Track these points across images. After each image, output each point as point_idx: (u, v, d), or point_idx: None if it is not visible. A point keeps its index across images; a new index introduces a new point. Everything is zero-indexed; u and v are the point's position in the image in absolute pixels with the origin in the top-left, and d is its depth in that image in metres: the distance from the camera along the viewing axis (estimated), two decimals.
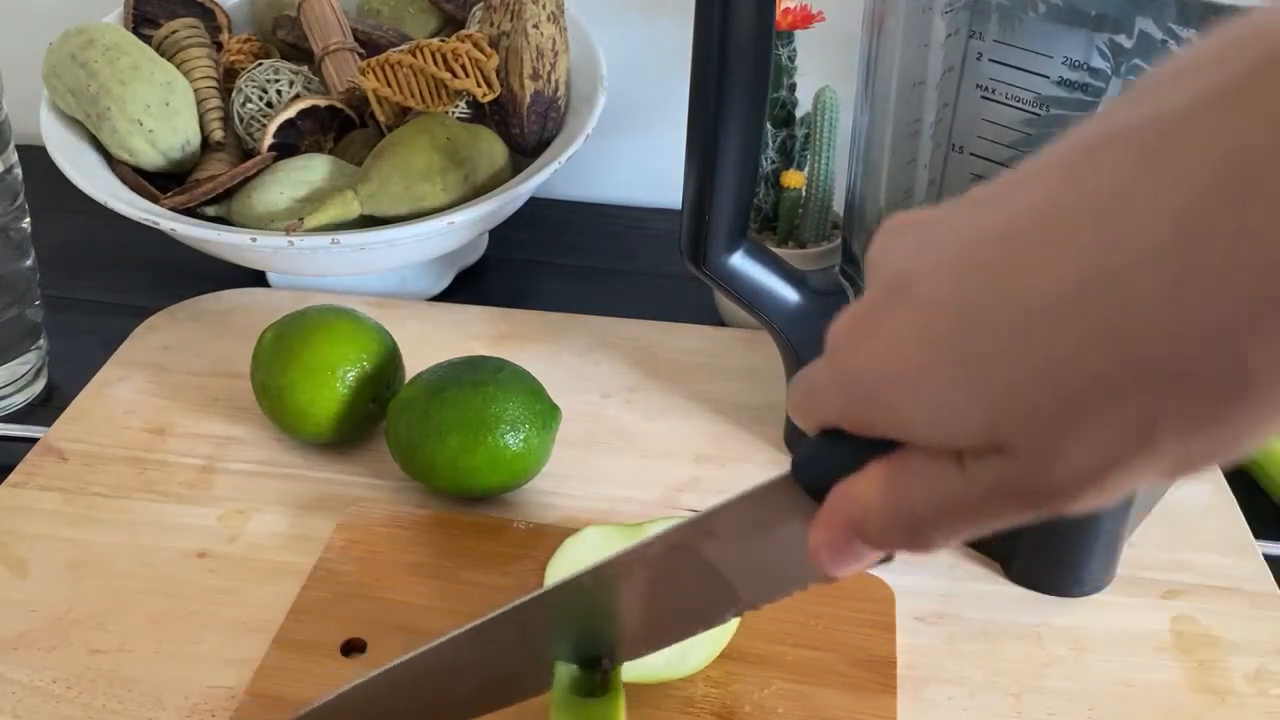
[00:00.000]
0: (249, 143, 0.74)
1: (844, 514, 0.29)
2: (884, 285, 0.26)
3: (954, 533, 0.27)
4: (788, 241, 0.70)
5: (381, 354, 0.60)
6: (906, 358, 0.25)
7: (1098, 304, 0.21)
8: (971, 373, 0.24)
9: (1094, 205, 0.22)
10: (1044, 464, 0.24)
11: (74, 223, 0.76)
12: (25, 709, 0.47)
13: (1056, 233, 0.22)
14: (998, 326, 0.23)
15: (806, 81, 0.68)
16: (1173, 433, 0.22)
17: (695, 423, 0.63)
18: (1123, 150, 0.22)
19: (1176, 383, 0.21)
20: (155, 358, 0.68)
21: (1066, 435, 0.23)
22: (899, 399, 0.26)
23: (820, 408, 0.29)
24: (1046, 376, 0.22)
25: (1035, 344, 0.22)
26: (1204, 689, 0.49)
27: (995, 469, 0.25)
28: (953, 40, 0.46)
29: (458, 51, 0.69)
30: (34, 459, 0.60)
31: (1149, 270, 0.21)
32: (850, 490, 0.29)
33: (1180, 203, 0.20)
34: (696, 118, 0.50)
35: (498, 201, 0.67)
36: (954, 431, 0.25)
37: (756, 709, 0.46)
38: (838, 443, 0.29)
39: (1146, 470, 0.23)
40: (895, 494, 0.27)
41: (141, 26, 0.78)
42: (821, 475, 0.30)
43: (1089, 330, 0.22)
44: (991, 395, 0.24)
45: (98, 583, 0.53)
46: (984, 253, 0.24)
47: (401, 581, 0.52)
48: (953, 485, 0.26)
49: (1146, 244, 0.21)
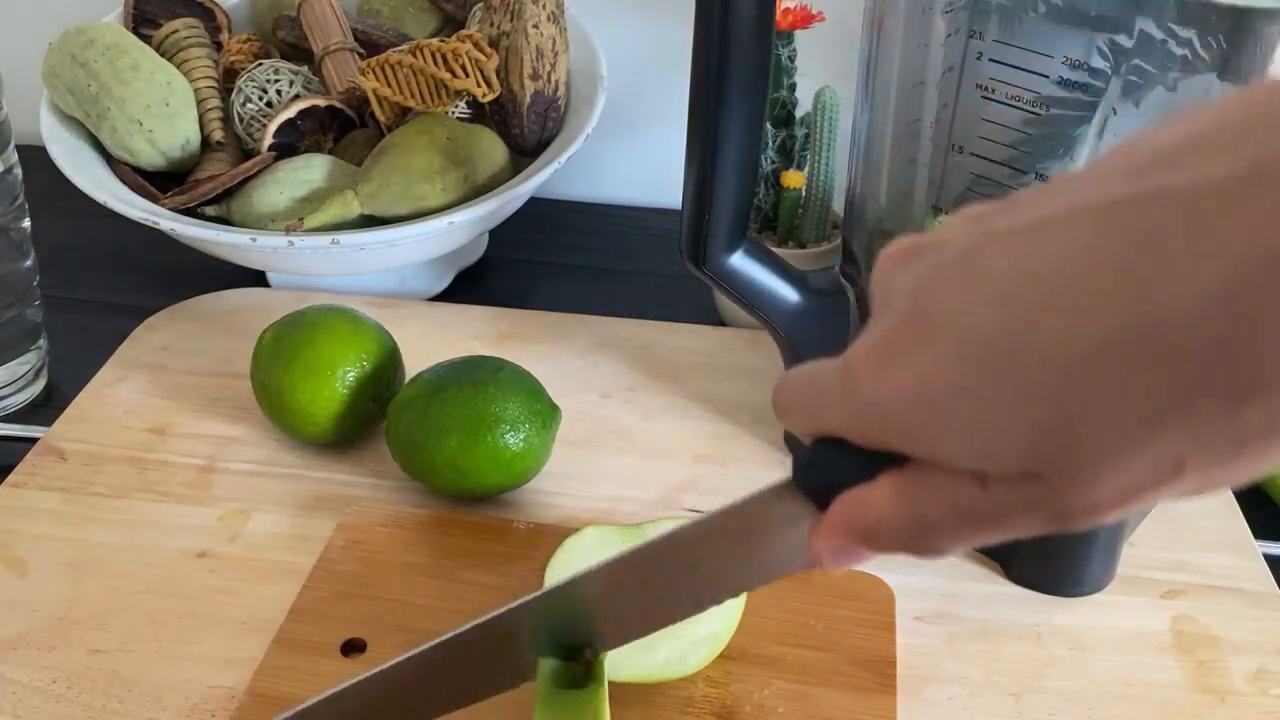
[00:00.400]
0: (249, 143, 0.74)
1: (854, 521, 0.29)
2: (904, 313, 0.27)
3: (965, 542, 0.28)
4: (788, 241, 0.70)
5: (381, 354, 0.60)
6: (939, 387, 0.26)
7: (1140, 350, 0.22)
8: (1009, 407, 0.25)
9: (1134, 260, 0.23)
10: (1076, 491, 0.25)
11: (74, 223, 0.76)
12: (25, 709, 0.47)
13: (1097, 282, 0.23)
14: (1036, 366, 0.24)
15: (806, 81, 0.68)
16: (1200, 466, 0.23)
17: (695, 423, 0.63)
18: (1164, 210, 0.22)
19: (1210, 424, 0.22)
20: (155, 358, 0.68)
21: (1102, 467, 0.24)
22: (930, 426, 0.26)
23: (824, 419, 0.29)
24: (1087, 415, 0.23)
25: (1074, 384, 0.23)
26: (1204, 689, 0.49)
27: (1021, 492, 0.25)
28: (953, 40, 0.46)
29: (458, 51, 0.69)
30: (34, 459, 0.60)
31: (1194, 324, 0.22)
32: (862, 499, 0.29)
33: (1229, 268, 0.21)
34: (696, 118, 0.50)
35: (498, 201, 0.67)
36: (987, 459, 0.26)
37: (756, 709, 0.46)
38: (845, 451, 0.29)
39: (1169, 494, 0.24)
40: (911, 505, 0.28)
41: (141, 26, 0.78)
42: (827, 482, 0.30)
43: (1131, 374, 0.23)
44: (1029, 429, 0.24)
45: (98, 583, 0.53)
46: (1019, 293, 0.24)
47: (401, 581, 0.52)
48: (973, 499, 0.26)
49: (1192, 299, 0.22)
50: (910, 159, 0.50)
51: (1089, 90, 0.43)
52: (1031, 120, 0.45)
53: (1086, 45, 0.42)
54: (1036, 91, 0.44)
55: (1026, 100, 0.44)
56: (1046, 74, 0.43)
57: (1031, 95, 0.44)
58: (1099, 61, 0.42)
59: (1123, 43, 0.41)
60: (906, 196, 0.51)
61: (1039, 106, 0.44)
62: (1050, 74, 0.43)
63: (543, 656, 0.40)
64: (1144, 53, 0.41)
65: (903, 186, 0.51)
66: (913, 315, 0.26)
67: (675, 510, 0.58)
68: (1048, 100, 0.44)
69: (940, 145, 0.48)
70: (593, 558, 0.49)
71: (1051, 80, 0.43)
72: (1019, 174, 0.46)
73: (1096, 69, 0.42)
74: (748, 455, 0.61)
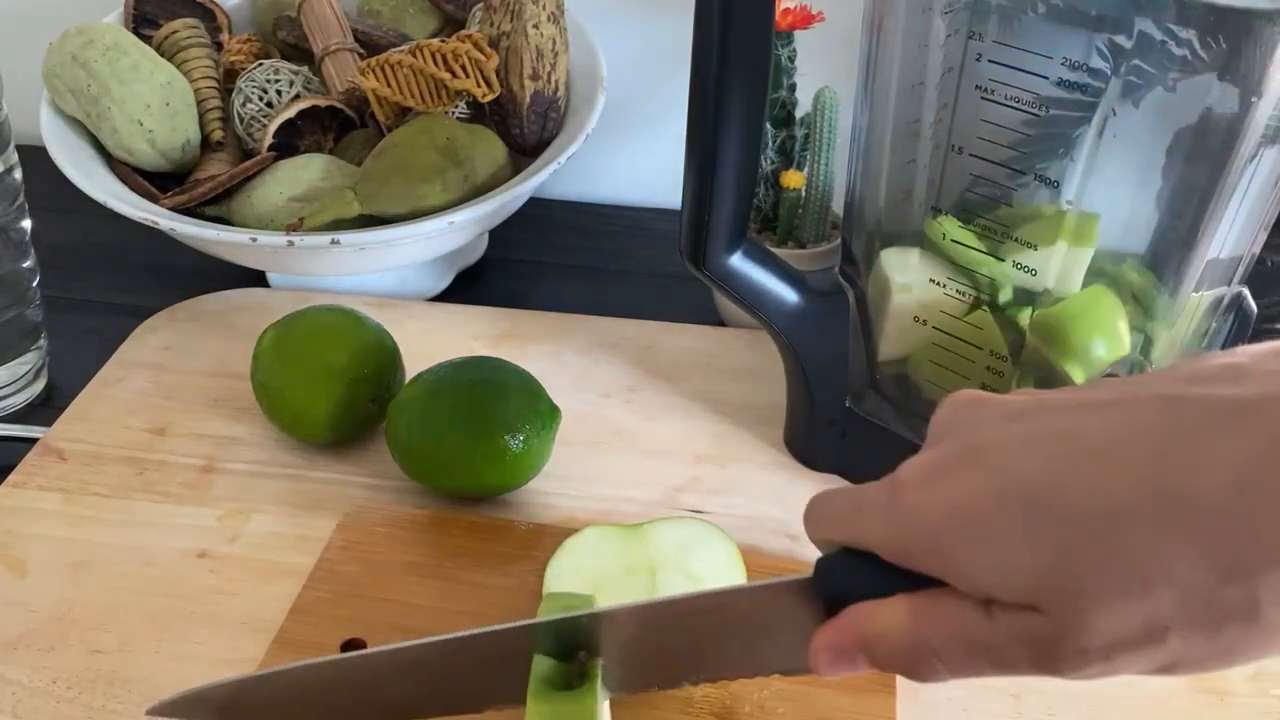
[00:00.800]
0: (249, 143, 0.74)
1: (859, 631, 0.32)
2: (959, 447, 0.31)
3: (960, 671, 0.31)
4: (788, 241, 0.70)
5: (381, 354, 0.60)
6: (976, 512, 0.29)
7: (1156, 519, 0.26)
8: (1032, 541, 0.28)
9: (1165, 445, 0.27)
10: (1069, 630, 0.28)
11: (74, 223, 0.76)
12: (25, 709, 0.47)
13: (1130, 456, 0.27)
14: (1061, 512, 0.28)
15: (806, 81, 0.68)
16: (1183, 634, 0.27)
17: (695, 423, 0.63)
18: (1196, 410, 0.27)
19: (1198, 597, 0.26)
20: (155, 358, 0.68)
21: (1096, 613, 0.27)
22: (958, 545, 0.29)
23: (863, 528, 0.32)
24: (1096, 562, 0.27)
25: (1091, 534, 0.27)
26: (1204, 689, 0.49)
27: (1022, 623, 0.29)
28: (952, 40, 0.46)
29: (458, 52, 0.69)
30: (34, 459, 0.60)
31: (1205, 506, 0.26)
32: (873, 613, 0.32)
33: (1242, 463, 0.25)
34: (696, 118, 0.50)
35: (498, 201, 0.67)
36: (1000, 585, 0.29)
37: (756, 709, 0.47)
38: (867, 565, 0.32)
39: (1152, 659, 0.28)
40: (918, 627, 0.31)
41: (141, 26, 0.78)
42: (843, 590, 0.33)
43: (1143, 536, 0.26)
44: (1044, 564, 0.28)
45: (98, 583, 0.53)
46: (1059, 451, 0.28)
47: (401, 581, 0.52)
48: (976, 629, 0.30)
49: (1210, 484, 0.26)
50: (910, 159, 0.50)
51: (1089, 91, 0.43)
52: (1031, 121, 0.45)
53: (1086, 46, 0.42)
54: (1036, 92, 0.44)
55: (1026, 101, 0.44)
56: (1046, 74, 0.43)
57: (1031, 96, 0.44)
58: (1098, 62, 0.42)
59: (1122, 43, 0.41)
60: (906, 197, 0.51)
61: (1038, 107, 0.44)
62: (1050, 74, 0.43)
63: (537, 654, 0.40)
64: (1144, 53, 0.41)
65: (902, 187, 0.51)
66: (966, 450, 0.30)
67: (675, 510, 0.58)
68: (1047, 101, 0.44)
69: (940, 146, 0.48)
70: (593, 558, 0.50)
71: (1051, 81, 0.43)
72: (1018, 174, 0.46)
73: (1096, 69, 0.42)
74: (748, 455, 0.61)
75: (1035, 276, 0.48)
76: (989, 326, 0.51)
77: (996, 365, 0.51)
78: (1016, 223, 0.48)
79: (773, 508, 0.58)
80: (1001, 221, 0.48)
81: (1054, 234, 0.47)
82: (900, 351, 0.56)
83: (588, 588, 0.48)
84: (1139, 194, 0.46)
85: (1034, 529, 0.28)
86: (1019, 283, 0.49)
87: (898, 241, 0.53)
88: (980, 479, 0.29)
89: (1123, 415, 0.28)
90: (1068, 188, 0.45)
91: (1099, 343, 0.49)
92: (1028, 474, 0.29)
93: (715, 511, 0.57)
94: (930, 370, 0.54)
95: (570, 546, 0.50)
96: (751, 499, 0.58)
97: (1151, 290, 0.48)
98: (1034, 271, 0.48)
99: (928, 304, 0.52)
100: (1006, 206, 0.47)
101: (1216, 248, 0.46)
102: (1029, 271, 0.48)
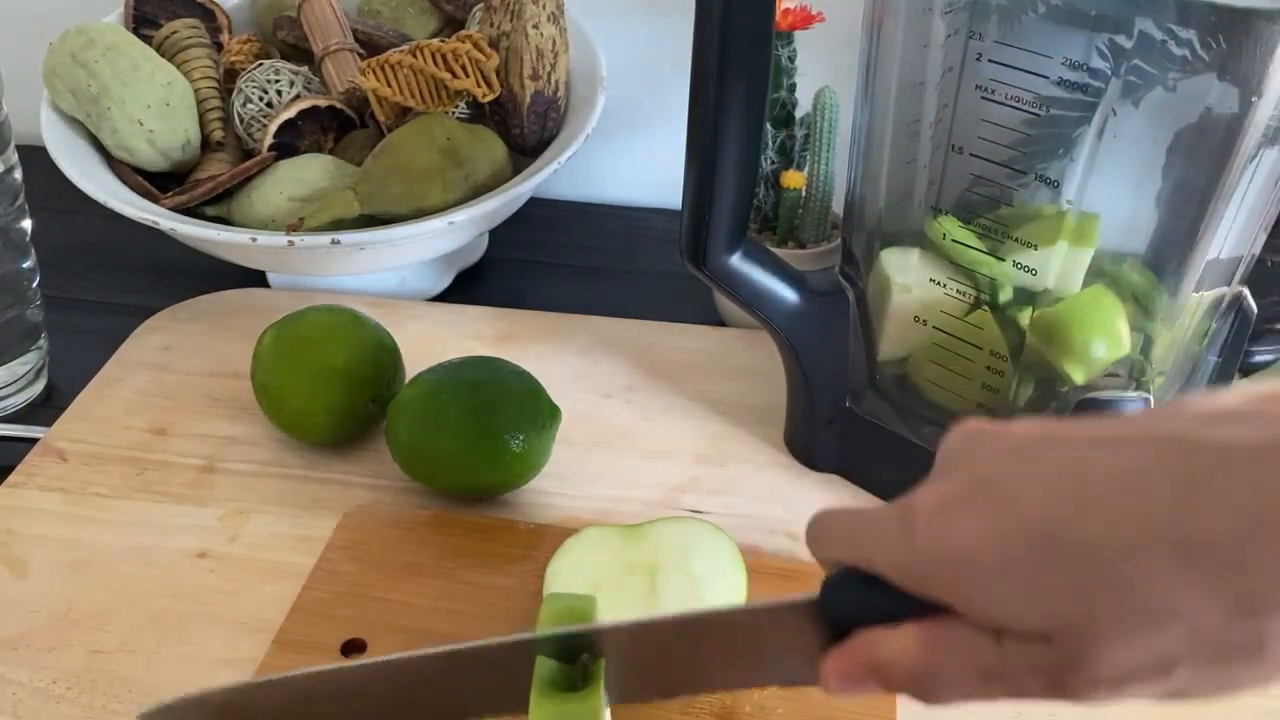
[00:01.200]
0: (249, 143, 0.74)
1: (871, 657, 0.32)
2: (971, 478, 0.31)
3: (971, 697, 0.31)
4: (788, 241, 0.70)
5: (381, 354, 0.60)
6: (990, 546, 0.29)
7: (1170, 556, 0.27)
8: (1047, 577, 0.28)
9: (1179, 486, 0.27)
10: (1081, 662, 0.28)
11: (74, 223, 0.76)
12: (25, 709, 0.47)
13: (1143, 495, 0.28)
14: (1075, 546, 0.28)
15: (806, 81, 0.68)
16: (1190, 667, 0.28)
17: (695, 423, 0.63)
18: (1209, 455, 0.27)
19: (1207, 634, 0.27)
20: (155, 358, 0.68)
21: (1107, 643, 0.28)
22: (972, 577, 0.30)
23: (871, 553, 0.32)
24: (1109, 595, 0.28)
25: (1105, 568, 0.28)
26: None
27: (1033, 653, 0.29)
28: (952, 40, 0.46)
29: (458, 52, 0.69)
30: (34, 459, 0.60)
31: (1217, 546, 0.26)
32: (884, 640, 0.32)
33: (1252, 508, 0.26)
34: (696, 118, 0.50)
35: (498, 201, 0.67)
36: (1013, 616, 0.29)
37: (756, 709, 0.46)
38: (875, 589, 0.32)
39: (1160, 689, 0.28)
40: (929, 655, 0.31)
41: (141, 26, 0.78)
42: (851, 615, 0.33)
43: (1156, 572, 0.27)
44: (1058, 599, 0.28)
45: (98, 583, 0.53)
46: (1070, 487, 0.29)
47: (401, 581, 0.52)
48: (987, 657, 0.30)
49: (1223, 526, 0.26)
50: (910, 159, 0.50)
51: (1089, 91, 0.43)
52: (1031, 121, 0.45)
53: (1086, 46, 0.42)
54: (1036, 92, 0.44)
55: (1026, 101, 0.44)
56: (1046, 74, 0.43)
57: (1031, 96, 0.44)
58: (1099, 62, 0.42)
59: (1122, 43, 0.41)
60: (906, 197, 0.51)
61: (1039, 107, 0.44)
62: (1050, 74, 0.43)
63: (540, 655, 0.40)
64: (1144, 53, 0.41)
65: (902, 187, 0.51)
66: (978, 482, 0.31)
67: (675, 510, 0.58)
68: (1047, 101, 0.44)
69: (940, 146, 0.48)
70: (593, 558, 0.50)
71: (1051, 81, 0.43)
72: (1019, 174, 0.46)
73: (1096, 69, 0.42)
74: (748, 455, 0.61)
75: (1035, 276, 0.48)
76: (989, 326, 0.51)
77: (996, 365, 0.51)
78: (1017, 223, 0.48)
79: (772, 507, 0.58)
80: (1002, 221, 0.48)
81: (1054, 234, 0.47)
82: (900, 351, 0.56)
83: (588, 588, 0.48)
84: (1139, 194, 0.46)
85: (1049, 565, 0.29)
86: (1019, 283, 0.49)
87: (898, 241, 0.53)
88: (995, 514, 0.30)
89: (1136, 455, 0.29)
90: (1068, 188, 0.45)
91: (1099, 343, 0.49)
92: (1037, 509, 0.29)
93: (715, 511, 0.57)
94: (930, 370, 0.54)
95: (570, 546, 0.50)
96: (751, 499, 0.58)
97: (1151, 290, 0.48)
98: (1034, 271, 0.48)
99: (928, 304, 0.52)
100: (1007, 206, 0.47)
101: (1216, 248, 0.46)
102: (1029, 271, 0.48)
